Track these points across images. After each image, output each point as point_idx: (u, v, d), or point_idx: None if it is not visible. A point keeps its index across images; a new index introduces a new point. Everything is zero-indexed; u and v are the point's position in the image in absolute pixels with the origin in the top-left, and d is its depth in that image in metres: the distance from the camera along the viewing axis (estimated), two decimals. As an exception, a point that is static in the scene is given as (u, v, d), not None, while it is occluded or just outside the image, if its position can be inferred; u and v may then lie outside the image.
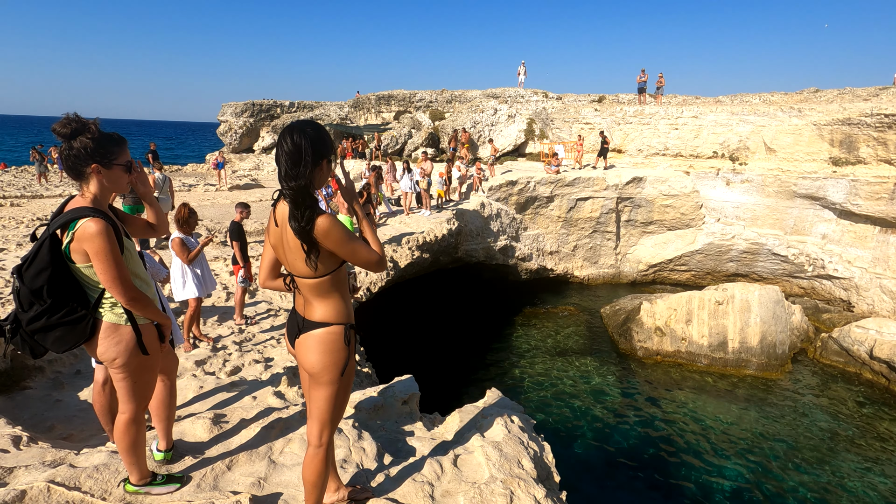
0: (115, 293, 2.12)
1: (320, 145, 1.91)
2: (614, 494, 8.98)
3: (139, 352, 2.19)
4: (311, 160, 1.86)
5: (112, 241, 2.08)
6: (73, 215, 2.08)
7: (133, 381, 2.17)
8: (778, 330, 14.24)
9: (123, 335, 2.18)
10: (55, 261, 2.08)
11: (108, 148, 2.12)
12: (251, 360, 5.59)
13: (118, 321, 2.19)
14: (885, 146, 16.59)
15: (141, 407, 2.21)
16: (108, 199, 2.22)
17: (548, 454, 2.90)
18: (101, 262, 2.06)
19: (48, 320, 2.10)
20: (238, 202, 7.14)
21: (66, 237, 2.09)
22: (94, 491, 2.19)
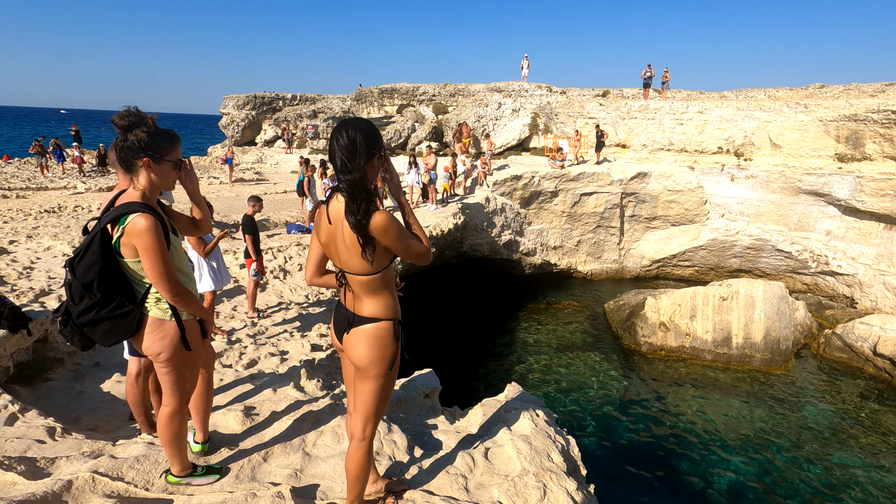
0: (161, 289, 2.14)
1: (373, 140, 1.93)
2: (620, 488, 9.05)
3: (183, 347, 2.22)
4: (365, 154, 1.88)
5: (160, 238, 2.10)
6: (123, 210, 2.10)
7: (177, 375, 2.20)
8: (782, 326, 14.29)
9: (168, 330, 2.21)
10: (105, 255, 2.11)
11: (159, 143, 2.14)
12: (267, 353, 5.63)
13: (163, 316, 2.22)
14: (891, 142, 16.57)
15: (184, 400, 2.24)
16: (156, 194, 2.24)
17: (573, 448, 2.94)
18: (149, 257, 2.08)
19: (97, 314, 2.13)
20: (250, 195, 7.15)
21: (116, 231, 2.11)
22: (137, 482, 2.23)
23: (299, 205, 14.63)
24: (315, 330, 6.98)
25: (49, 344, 4.69)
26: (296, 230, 11.62)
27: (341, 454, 2.60)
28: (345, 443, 2.70)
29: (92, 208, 13.36)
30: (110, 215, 2.12)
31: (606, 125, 22.64)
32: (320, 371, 5.09)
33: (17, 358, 4.13)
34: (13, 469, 2.16)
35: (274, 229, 12.25)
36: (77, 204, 13.62)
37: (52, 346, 4.70)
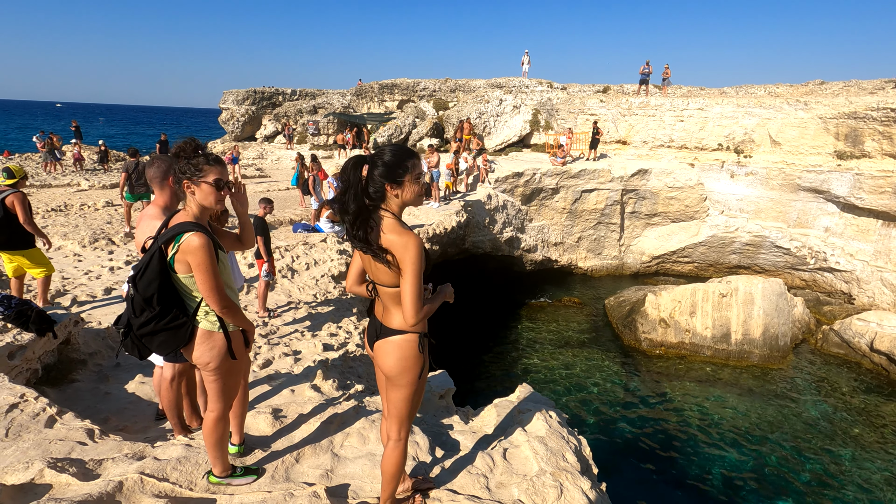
0: (211, 302, 2.31)
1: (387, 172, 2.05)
2: (621, 482, 9.25)
3: (229, 357, 2.37)
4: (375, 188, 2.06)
5: (211, 255, 2.27)
6: (178, 230, 2.27)
7: (223, 383, 2.36)
8: (780, 322, 14.49)
9: (216, 341, 2.37)
10: (163, 271, 2.28)
11: (197, 165, 2.28)
12: (280, 353, 5.78)
13: (212, 328, 2.38)
14: (890, 140, 16.70)
15: (228, 406, 2.40)
16: (206, 214, 2.39)
17: (585, 448, 3.09)
18: (201, 273, 2.24)
19: (156, 325, 2.30)
20: (261, 198, 7.28)
21: (171, 249, 2.28)
22: (182, 482, 2.37)
23: (300, 201, 14.75)
24: (325, 329, 7.13)
25: (71, 346, 4.83)
26: (302, 229, 11.74)
27: (368, 455, 2.75)
28: (370, 444, 2.86)
29: (98, 206, 13.44)
30: (166, 234, 2.29)
31: (607, 122, 22.73)
32: (334, 371, 5.24)
33: (44, 360, 4.27)
34: (66, 471, 2.31)
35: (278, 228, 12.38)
36: (83, 202, 13.70)
37: (74, 348, 4.84)
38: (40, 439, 2.76)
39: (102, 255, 9.01)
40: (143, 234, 2.80)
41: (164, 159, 3.04)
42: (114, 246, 9.68)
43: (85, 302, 6.77)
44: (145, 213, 2.97)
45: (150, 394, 4.25)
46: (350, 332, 7.23)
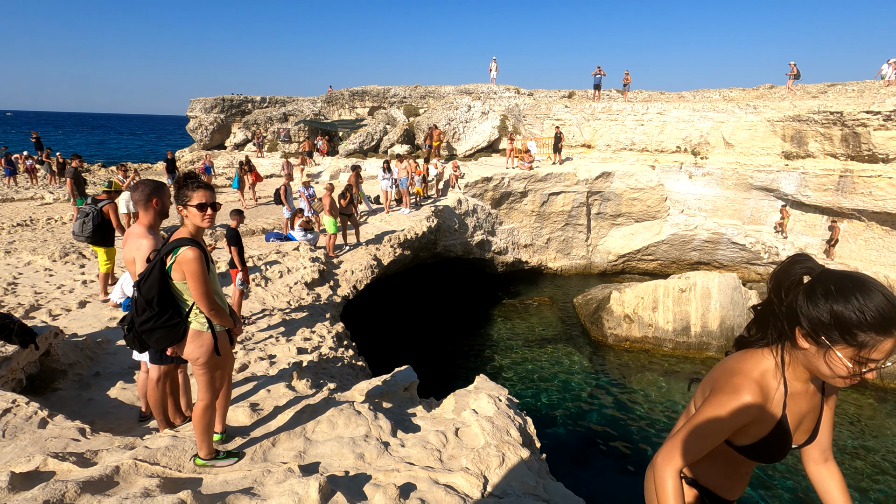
0: (202, 305, 2.72)
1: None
2: (589, 472, 9.78)
3: (215, 353, 2.75)
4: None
5: (203, 266, 2.70)
6: (177, 244, 2.70)
7: (210, 376, 2.75)
8: (736, 314, 15.36)
9: (205, 340, 2.75)
10: (162, 278, 2.70)
11: (184, 192, 2.68)
12: (256, 358, 6.06)
13: (202, 328, 2.76)
14: (830, 141, 17.91)
15: (215, 396, 2.77)
16: (201, 231, 2.79)
17: (530, 426, 3.53)
18: (193, 280, 2.67)
19: (155, 324, 2.70)
20: (232, 210, 7.54)
21: (169, 259, 2.69)
22: (171, 465, 2.70)
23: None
24: (299, 334, 7.43)
25: (52, 357, 5.04)
26: (274, 238, 11.96)
27: (336, 438, 3.13)
28: (338, 429, 3.23)
29: (65, 219, 13.34)
30: (167, 247, 2.73)
31: (572, 126, 23.55)
32: (308, 372, 5.57)
33: (27, 371, 4.49)
34: (67, 460, 2.61)
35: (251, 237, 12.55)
36: (49, 216, 13.58)
37: (54, 359, 5.05)
38: (36, 438, 3.04)
39: (74, 269, 9.08)
40: (130, 250, 3.13)
41: (147, 183, 3.37)
42: (85, 259, 9.74)
43: (59, 315, 6.91)
44: (131, 232, 3.30)
45: (131, 398, 4.51)
46: (323, 336, 7.54)
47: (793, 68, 23.06)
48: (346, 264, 11.25)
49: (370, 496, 2.53)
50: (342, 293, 10.09)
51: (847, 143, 17.37)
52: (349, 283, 10.57)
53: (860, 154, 17.06)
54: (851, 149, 17.29)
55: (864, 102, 17.02)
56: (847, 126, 17.07)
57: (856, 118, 16.66)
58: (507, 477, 2.80)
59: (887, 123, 15.98)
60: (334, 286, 10.18)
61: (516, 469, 2.85)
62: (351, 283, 10.63)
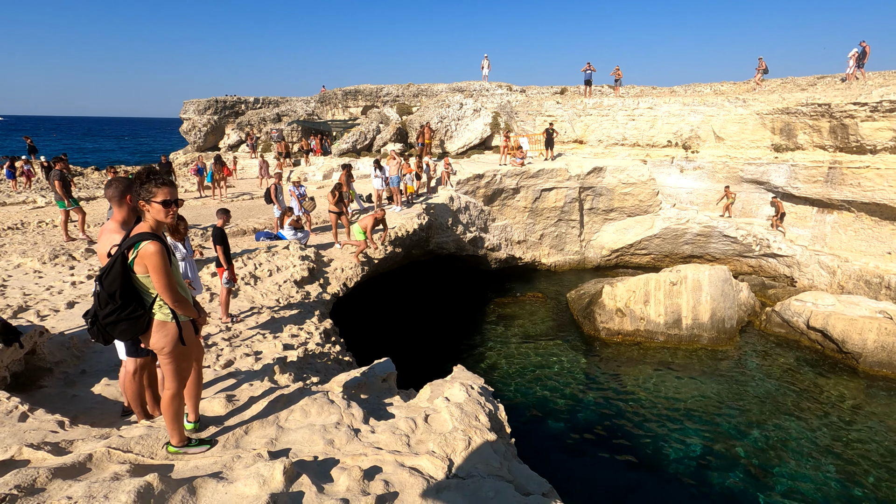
0: (165, 297, 2.80)
1: None
2: (582, 463, 9.88)
3: (180, 342, 2.83)
4: None
5: (165, 259, 2.78)
6: (138, 238, 2.78)
7: (176, 365, 2.83)
8: (726, 306, 15.48)
9: (169, 330, 2.83)
10: (125, 272, 2.78)
11: (147, 189, 2.75)
12: (242, 354, 6.15)
13: (166, 319, 2.84)
14: (819, 133, 18.03)
15: (182, 385, 2.85)
16: (162, 226, 2.86)
17: (501, 412, 3.62)
18: (156, 273, 2.76)
19: (118, 316, 2.79)
20: (219, 209, 7.60)
21: (131, 254, 2.78)
22: (144, 453, 2.78)
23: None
24: (287, 331, 7.50)
25: (37, 355, 5.11)
26: (264, 237, 12.03)
27: (308, 426, 3.21)
28: (311, 417, 3.32)
29: (56, 222, 13.38)
30: (128, 242, 2.80)
31: (564, 122, 23.65)
32: (292, 367, 5.66)
33: (12, 368, 4.56)
34: (42, 449, 2.69)
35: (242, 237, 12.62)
36: (40, 219, 13.62)
37: (40, 357, 5.12)
38: (15, 430, 3.12)
39: (63, 271, 9.13)
40: (104, 246, 3.21)
41: (121, 180, 3.45)
42: (74, 261, 9.79)
43: (47, 316, 6.97)
44: (105, 228, 3.38)
45: (115, 394, 4.59)
46: (311, 332, 7.63)
47: (761, 63, 23.25)
48: (336, 262, 11.32)
49: (336, 478, 2.61)
50: (332, 291, 10.17)
51: (835, 135, 17.49)
52: (339, 281, 10.64)
53: (848, 145, 17.18)
54: (840, 140, 17.41)
55: (851, 94, 17.13)
56: (835, 118, 17.19)
57: (843, 110, 16.78)
58: (472, 459, 2.89)
59: (874, 114, 16.09)
60: (324, 284, 10.26)
61: (482, 452, 2.94)
62: (341, 280, 10.71)
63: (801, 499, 8.92)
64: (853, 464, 9.83)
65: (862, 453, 10.14)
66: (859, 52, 20.42)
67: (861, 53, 20.42)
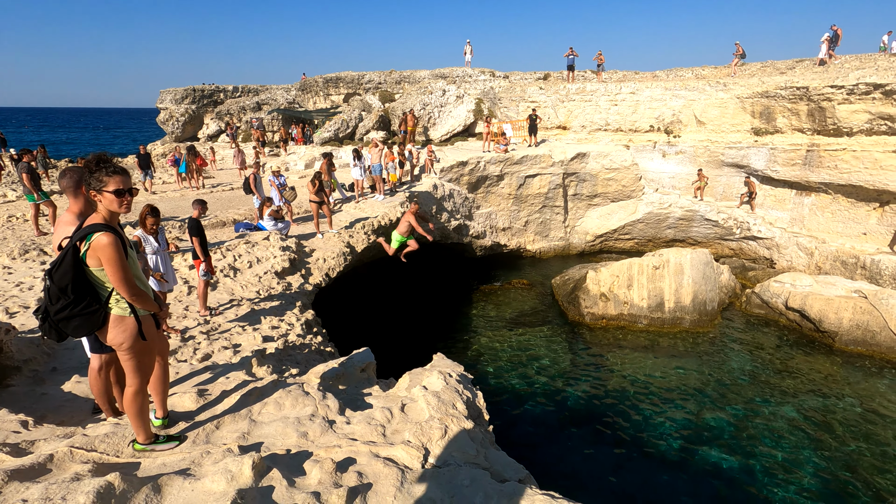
0: (122, 291, 2.67)
1: None
2: (568, 446, 10.00)
3: (140, 338, 2.72)
4: None
5: (120, 251, 2.64)
6: (90, 230, 2.64)
7: (137, 361, 2.72)
8: (708, 289, 15.70)
9: (128, 325, 2.71)
10: (76, 265, 2.64)
11: (98, 178, 2.61)
12: (220, 347, 6.04)
13: (123, 313, 2.72)
14: (797, 116, 18.23)
15: (144, 381, 2.75)
16: (115, 217, 2.73)
17: (480, 399, 3.60)
18: (110, 266, 2.63)
19: (70, 312, 2.66)
20: (195, 199, 7.42)
21: (83, 246, 2.63)
22: (109, 451, 2.70)
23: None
24: (267, 323, 7.40)
25: (4, 353, 4.95)
26: (244, 228, 11.82)
27: (282, 418, 3.15)
28: (285, 410, 3.25)
29: (27, 216, 12.99)
30: (80, 234, 2.66)
31: (547, 108, 23.57)
32: (271, 359, 5.57)
33: (-24, 368, 4.40)
34: (0, 450, 2.59)
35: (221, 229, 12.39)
36: (10, 214, 13.21)
37: (7, 356, 4.96)
38: (-26, 432, 3.00)
39: (34, 266, 8.87)
40: (58, 238, 3.07)
41: (75, 170, 3.30)
42: (46, 257, 9.52)
43: (16, 313, 6.77)
44: (61, 220, 3.24)
45: (86, 391, 4.47)
46: (292, 324, 7.53)
47: (738, 48, 23.42)
48: (318, 252, 11.18)
49: (308, 471, 2.56)
50: (314, 281, 10.05)
51: (813, 118, 17.69)
52: (321, 272, 10.52)
53: (826, 128, 17.40)
54: (817, 123, 17.62)
55: (829, 77, 17.32)
56: (813, 101, 17.37)
57: (821, 93, 16.96)
58: (449, 448, 2.86)
59: (850, 97, 16.30)
60: (306, 274, 10.13)
61: (458, 440, 2.91)
62: (323, 270, 10.59)
63: (781, 473, 9.15)
64: (830, 438, 10.10)
65: (838, 428, 10.42)
66: (831, 36, 20.62)
67: (833, 37, 20.62)
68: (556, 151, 20.90)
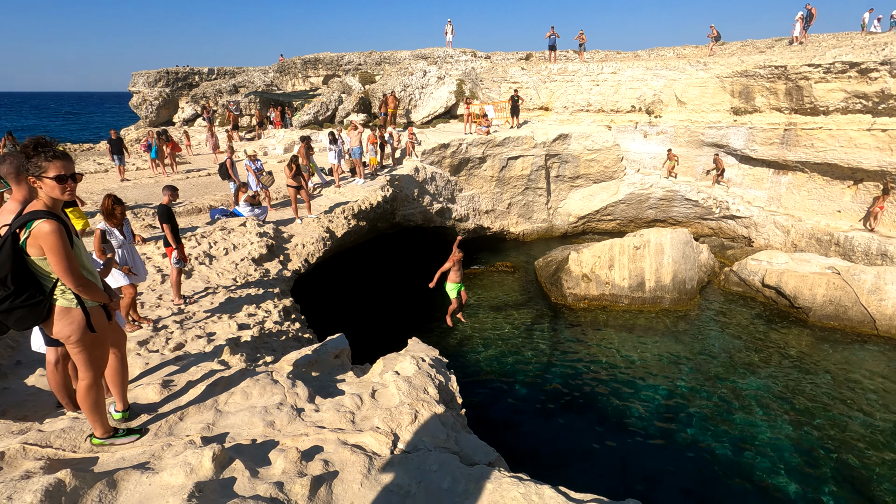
0: (67, 281, 2.54)
1: None
2: (550, 426, 10.13)
3: (89, 330, 2.60)
4: None
5: (63, 239, 2.49)
6: (30, 217, 2.48)
7: (88, 354, 2.60)
8: (687, 268, 15.91)
9: (75, 317, 2.59)
10: (16, 254, 2.49)
11: (36, 163, 2.46)
12: (193, 336, 5.91)
13: (69, 305, 2.59)
14: (776, 95, 18.35)
15: (97, 374, 2.64)
16: (59, 203, 2.59)
17: (453, 383, 3.57)
18: (53, 255, 2.48)
19: (12, 303, 2.51)
20: (165, 185, 7.19)
21: (23, 234, 2.49)
22: (65, 447, 2.61)
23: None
24: (244, 310, 7.27)
25: (-35, 348, 4.78)
26: (220, 214, 11.57)
27: (249, 408, 3.08)
28: (252, 399, 3.19)
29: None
30: (19, 221, 2.50)
31: (529, 89, 23.36)
32: (246, 347, 5.48)
33: (-68, 363, 4.24)
34: (-54, 449, 2.49)
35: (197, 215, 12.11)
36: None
37: (-32, 350, 4.79)
38: (-76, 430, 2.88)
39: None
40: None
41: (15, 155, 3.13)
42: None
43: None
44: (4, 208, 3.09)
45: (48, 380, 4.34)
46: (269, 311, 7.42)
47: (712, 30, 23.46)
48: (296, 238, 11.01)
49: (273, 461, 2.51)
50: (293, 267, 9.91)
51: (791, 97, 17.83)
52: (300, 257, 10.37)
53: (803, 107, 17.56)
54: (795, 102, 17.77)
55: (806, 56, 17.42)
56: (791, 80, 17.48)
57: (799, 71, 17.07)
58: (419, 433, 2.83)
59: (827, 76, 16.43)
60: (284, 261, 9.98)
61: (428, 425, 2.89)
62: (302, 256, 10.44)
63: (756, 444, 9.42)
64: (801, 408, 10.42)
65: (809, 398, 10.75)
66: (805, 15, 20.70)
67: (807, 16, 20.70)
68: (538, 133, 20.78)
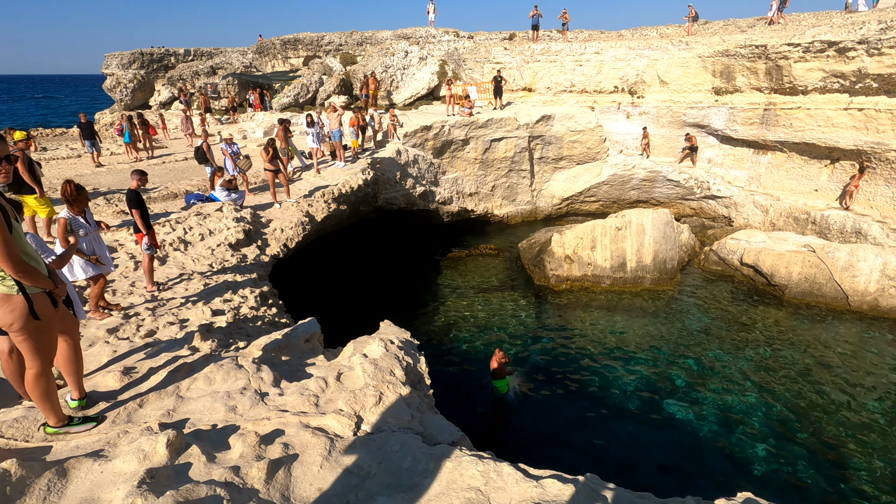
0: (5, 267, 2.42)
1: None
2: (532, 406, 10.26)
3: (32, 317, 2.50)
4: None
5: (1, 223, 2.35)
6: None
7: (34, 342, 2.51)
8: (668, 248, 16.07)
9: (16, 304, 2.48)
10: None
11: None
12: (166, 323, 5.83)
13: (10, 292, 2.48)
14: (756, 75, 18.41)
15: (45, 362, 2.55)
16: None
17: (421, 364, 3.57)
18: None
19: None
20: (133, 170, 6.99)
21: None
22: (17, 436, 2.55)
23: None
24: (219, 297, 7.18)
25: (-76, 338, 4.64)
26: (195, 199, 11.34)
27: (212, 393, 3.05)
28: (216, 384, 3.15)
29: (-41, 194, 12.16)
30: None
31: (512, 69, 23.12)
32: (219, 333, 5.41)
33: None
34: None
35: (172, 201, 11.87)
36: (-60, 190, 12.31)
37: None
38: None
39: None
40: None
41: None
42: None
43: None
44: None
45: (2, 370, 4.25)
46: (245, 296, 7.34)
47: (691, 10, 23.42)
48: (275, 222, 10.86)
49: (232, 445, 2.49)
50: (271, 252, 9.79)
51: (771, 77, 17.91)
52: (279, 242, 10.24)
53: (782, 87, 17.66)
54: (775, 82, 17.85)
55: (786, 35, 17.45)
56: (771, 59, 17.53)
57: (778, 51, 17.11)
58: (384, 415, 2.83)
59: (806, 55, 16.51)
60: (262, 246, 9.85)
61: (393, 406, 2.88)
62: (281, 241, 10.31)
63: (732, 418, 9.67)
64: (776, 382, 10.71)
65: (784, 373, 11.03)
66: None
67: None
68: (521, 114, 20.64)
